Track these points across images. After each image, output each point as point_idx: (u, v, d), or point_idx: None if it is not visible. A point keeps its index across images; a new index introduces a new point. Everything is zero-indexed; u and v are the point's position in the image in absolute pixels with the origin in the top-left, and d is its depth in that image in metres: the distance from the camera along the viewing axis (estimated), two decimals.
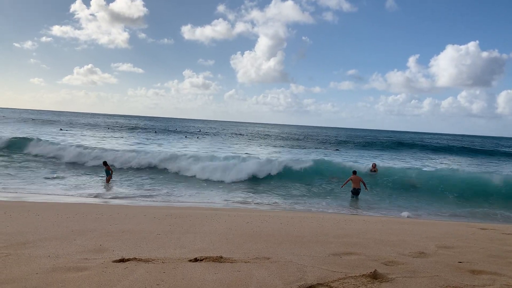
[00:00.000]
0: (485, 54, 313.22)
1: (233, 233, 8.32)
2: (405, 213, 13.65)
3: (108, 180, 18.41)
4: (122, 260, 5.68)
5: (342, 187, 18.25)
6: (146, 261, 5.70)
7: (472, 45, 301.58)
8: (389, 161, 37.30)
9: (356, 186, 17.25)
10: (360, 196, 17.11)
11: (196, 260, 5.84)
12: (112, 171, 18.79)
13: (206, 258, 5.91)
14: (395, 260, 6.36)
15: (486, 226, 11.68)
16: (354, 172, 18.01)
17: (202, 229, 8.80)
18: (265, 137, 68.64)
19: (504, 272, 5.87)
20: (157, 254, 6.21)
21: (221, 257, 5.99)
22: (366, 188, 18.84)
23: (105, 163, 19.27)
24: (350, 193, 17.37)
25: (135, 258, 5.78)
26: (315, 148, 50.91)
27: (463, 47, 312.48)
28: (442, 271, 5.73)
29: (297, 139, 69.55)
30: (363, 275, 5.26)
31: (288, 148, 49.68)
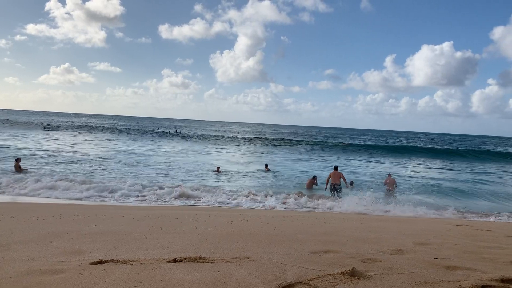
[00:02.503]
0: (459, 54, 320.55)
1: (213, 233, 8.30)
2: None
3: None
4: (100, 262, 5.60)
5: (326, 189, 17.50)
6: (124, 262, 5.63)
7: (446, 45, 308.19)
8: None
9: (335, 182, 16.75)
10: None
11: (175, 260, 5.80)
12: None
13: (185, 258, 5.88)
14: (373, 257, 6.45)
15: (461, 223, 11.95)
16: (335, 168, 17.54)
17: (182, 229, 8.75)
18: (245, 140, 68.17)
19: (478, 267, 6.01)
20: (135, 255, 6.15)
21: (201, 257, 5.97)
22: (347, 185, 18.89)
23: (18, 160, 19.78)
24: (329, 190, 16.86)
25: (113, 260, 5.71)
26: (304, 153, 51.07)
27: (437, 47, 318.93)
28: (419, 268, 5.84)
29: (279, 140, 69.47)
30: (341, 272, 5.31)
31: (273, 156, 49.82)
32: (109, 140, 48.98)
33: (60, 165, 22.41)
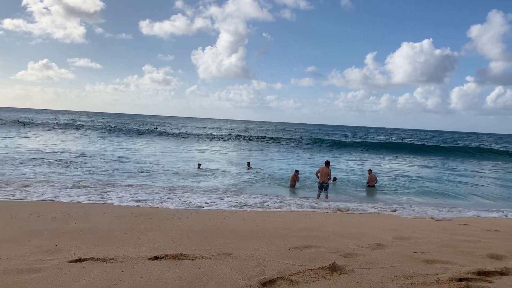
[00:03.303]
0: (438, 51, 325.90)
1: (195, 230, 8.26)
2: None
3: None
4: (79, 260, 5.52)
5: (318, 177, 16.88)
6: (104, 260, 5.56)
7: (426, 43, 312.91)
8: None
9: (322, 180, 15.85)
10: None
11: (156, 258, 5.76)
12: None
13: (166, 255, 5.83)
14: (353, 252, 6.51)
15: (440, 218, 12.15)
16: (326, 163, 17.07)
17: (163, 226, 8.69)
18: (229, 138, 67.83)
19: (455, 260, 6.12)
20: (115, 253, 6.08)
21: (182, 254, 5.93)
22: (333, 182, 18.94)
23: None
24: (317, 187, 16.45)
25: (92, 258, 5.63)
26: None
27: (417, 44, 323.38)
28: (398, 262, 5.91)
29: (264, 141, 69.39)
30: (322, 267, 5.35)
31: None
32: (89, 138, 48.33)
33: (36, 164, 22.01)
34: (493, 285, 4.84)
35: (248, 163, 25.72)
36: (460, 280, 5.01)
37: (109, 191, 14.65)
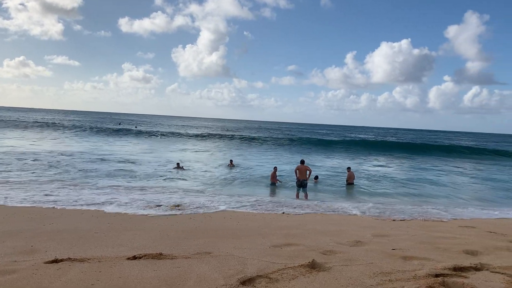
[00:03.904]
0: (416, 51, 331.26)
1: (175, 229, 8.21)
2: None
3: None
4: (55, 261, 5.42)
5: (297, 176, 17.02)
6: (81, 260, 5.48)
7: (404, 43, 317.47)
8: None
9: (302, 177, 15.88)
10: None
11: (134, 257, 5.70)
12: None
13: (145, 255, 5.78)
14: (333, 249, 6.56)
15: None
16: (301, 161, 17.29)
17: (143, 226, 8.61)
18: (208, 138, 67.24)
19: (432, 257, 6.23)
20: (93, 253, 5.99)
21: (161, 254, 5.88)
22: (314, 180, 19.06)
23: None
24: (296, 185, 16.51)
25: (69, 258, 5.54)
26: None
27: (396, 44, 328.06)
28: (377, 259, 5.99)
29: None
30: (301, 265, 5.37)
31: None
32: (65, 137, 47.48)
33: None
34: (468, 280, 4.93)
35: (231, 161, 25.64)
36: (437, 276, 5.10)
37: (86, 191, 14.42)
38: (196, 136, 57.39)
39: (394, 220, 10.88)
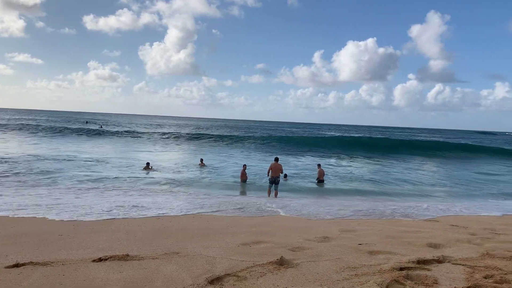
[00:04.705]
0: (381, 50, 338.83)
1: (142, 230, 8.09)
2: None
3: None
4: (16, 265, 5.25)
5: (268, 175, 16.33)
6: (44, 264, 5.32)
7: (370, 42, 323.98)
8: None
9: (275, 175, 16.14)
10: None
11: (100, 259, 5.58)
12: None
13: (111, 257, 5.67)
14: (301, 245, 6.63)
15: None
16: (276, 159, 17.22)
17: (110, 227, 8.44)
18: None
19: (397, 251, 6.38)
20: (57, 256, 5.83)
21: (128, 255, 5.79)
22: (284, 178, 19.22)
23: None
24: (268, 182, 16.60)
25: (32, 262, 5.37)
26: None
27: (362, 43, 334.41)
28: (344, 254, 6.08)
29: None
30: (270, 262, 5.40)
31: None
32: (28, 137, 45.99)
33: None
34: (430, 273, 5.08)
35: (201, 160, 25.44)
36: (401, 269, 5.23)
37: (47, 193, 14.03)
38: (166, 135, 56.63)
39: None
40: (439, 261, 5.71)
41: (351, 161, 33.10)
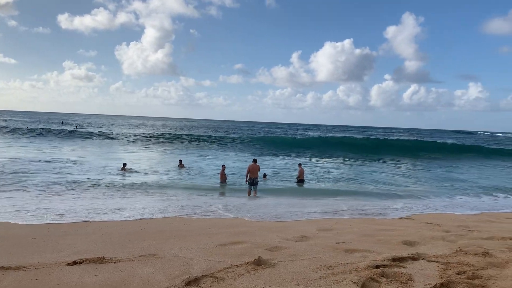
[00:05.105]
0: (358, 51, 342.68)
1: (118, 232, 7.99)
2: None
3: None
4: None
5: (246, 181, 16.67)
6: (16, 269, 5.19)
7: (347, 43, 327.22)
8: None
9: (253, 176, 16.33)
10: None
11: (75, 263, 5.48)
12: None
13: (86, 260, 5.57)
14: (279, 245, 6.65)
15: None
16: (254, 160, 17.35)
17: (85, 230, 8.30)
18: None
19: (373, 249, 6.47)
20: (30, 260, 5.70)
21: (103, 258, 5.70)
22: (264, 178, 19.38)
23: None
24: (247, 184, 16.65)
25: (3, 267, 5.23)
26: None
27: (339, 44, 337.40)
28: (321, 252, 6.13)
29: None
30: (247, 262, 5.40)
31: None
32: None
33: None
34: (405, 270, 5.17)
35: (180, 161, 25.21)
36: (377, 267, 5.30)
37: (18, 195, 13.71)
38: (143, 135, 55.95)
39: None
40: (413, 258, 5.81)
41: (330, 161, 33.40)
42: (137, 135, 55.52)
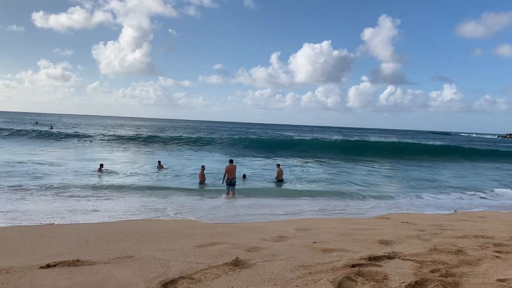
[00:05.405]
0: (336, 52, 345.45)
1: (95, 234, 7.85)
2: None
3: None
4: None
5: (223, 182, 16.72)
6: None
7: (325, 44, 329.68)
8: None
9: (231, 176, 16.36)
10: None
11: (48, 266, 5.37)
12: None
13: (60, 263, 5.46)
14: (257, 245, 6.65)
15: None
16: (230, 161, 17.60)
17: (60, 232, 8.14)
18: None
19: (350, 248, 6.54)
20: (1, 263, 5.55)
21: (78, 260, 5.60)
22: (243, 178, 19.48)
23: None
24: (225, 184, 16.63)
25: None
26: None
27: (317, 45, 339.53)
28: (298, 252, 6.16)
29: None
30: (225, 263, 5.39)
31: None
32: None
33: None
34: (381, 269, 5.24)
35: (159, 162, 24.95)
36: (353, 266, 5.36)
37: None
38: (122, 136, 55.17)
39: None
40: (389, 257, 5.90)
41: (309, 162, 33.60)
42: (115, 136, 54.67)
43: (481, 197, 18.02)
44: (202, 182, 18.91)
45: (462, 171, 30.97)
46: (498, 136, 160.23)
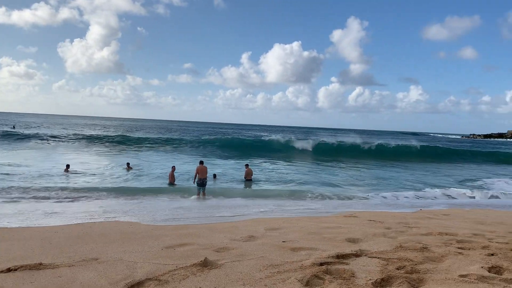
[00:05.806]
0: (306, 53, 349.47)
1: (59, 236, 7.63)
2: None
3: None
4: None
5: (194, 182, 16.74)
6: None
7: (295, 45, 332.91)
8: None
9: (202, 177, 16.45)
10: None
11: (9, 270, 5.17)
12: None
13: (22, 266, 5.28)
14: (226, 246, 6.62)
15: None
16: (201, 162, 17.60)
17: (22, 235, 7.87)
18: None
19: (319, 246, 6.60)
20: None
21: (41, 264, 5.42)
22: (214, 178, 19.50)
23: None
24: (196, 184, 16.68)
25: None
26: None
27: (287, 46, 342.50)
28: (268, 252, 6.17)
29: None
30: (193, 264, 5.34)
31: None
32: None
33: None
34: (348, 267, 5.31)
35: (128, 164, 24.54)
36: (321, 264, 5.41)
37: None
38: (89, 136, 53.84)
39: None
40: (356, 255, 5.99)
41: (279, 162, 33.80)
42: (82, 136, 53.31)
43: (445, 195, 18.60)
44: (172, 182, 18.74)
45: (428, 170, 31.85)
46: (462, 136, 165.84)
